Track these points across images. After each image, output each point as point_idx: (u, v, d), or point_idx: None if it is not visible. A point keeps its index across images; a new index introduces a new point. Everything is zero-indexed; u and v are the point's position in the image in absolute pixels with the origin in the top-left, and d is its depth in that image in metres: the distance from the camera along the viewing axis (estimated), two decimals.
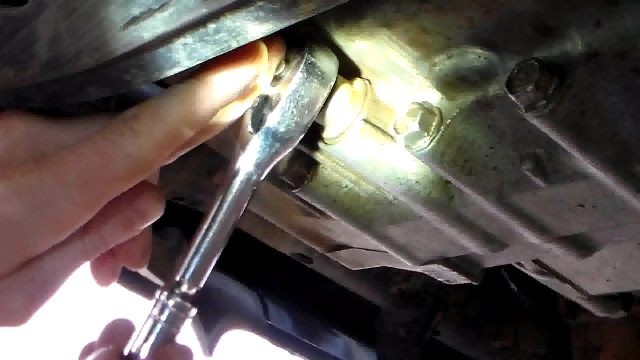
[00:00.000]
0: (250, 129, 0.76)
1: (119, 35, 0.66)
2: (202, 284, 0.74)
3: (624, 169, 0.73)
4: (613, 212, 0.80)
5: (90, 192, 0.70)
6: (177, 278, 0.73)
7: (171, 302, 0.73)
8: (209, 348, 1.64)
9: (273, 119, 0.75)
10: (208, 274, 0.74)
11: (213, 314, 1.67)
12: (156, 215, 0.78)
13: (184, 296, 0.73)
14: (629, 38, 0.68)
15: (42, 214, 0.70)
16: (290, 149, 0.77)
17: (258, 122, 0.76)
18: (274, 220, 1.14)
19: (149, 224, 0.79)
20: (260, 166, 0.75)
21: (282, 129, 0.75)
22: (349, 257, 1.13)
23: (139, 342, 0.72)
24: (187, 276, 0.73)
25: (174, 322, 0.73)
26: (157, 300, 0.73)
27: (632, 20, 0.67)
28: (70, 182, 0.70)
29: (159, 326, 0.73)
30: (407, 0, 0.72)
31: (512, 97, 0.70)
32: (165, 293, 0.73)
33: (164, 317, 0.73)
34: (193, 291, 0.73)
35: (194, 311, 0.74)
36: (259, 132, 0.75)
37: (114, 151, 0.70)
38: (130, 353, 0.72)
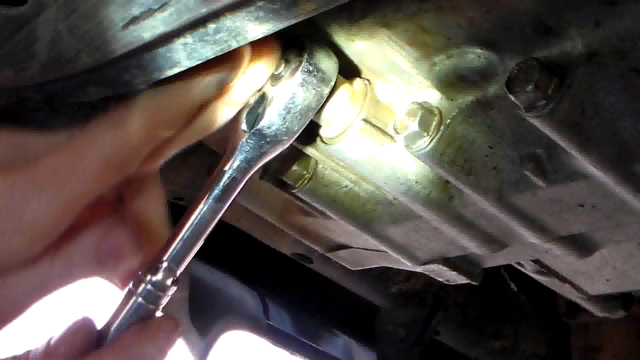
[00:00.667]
0: (244, 127, 0.77)
1: (119, 35, 0.66)
2: (181, 269, 0.75)
3: (624, 169, 0.73)
4: (613, 212, 0.80)
5: (65, 191, 0.68)
6: (158, 259, 0.74)
7: (149, 280, 0.73)
8: (203, 353, 1.63)
9: (265, 120, 0.75)
10: (188, 260, 0.75)
11: (211, 316, 1.67)
12: (132, 260, 0.74)
13: (163, 276, 0.73)
14: (629, 38, 0.68)
15: (15, 219, 0.67)
16: (281, 150, 0.77)
17: (252, 120, 0.76)
18: (274, 220, 1.14)
19: (124, 268, 0.74)
20: (248, 164, 0.76)
21: (273, 130, 0.75)
22: (349, 257, 1.13)
23: (114, 318, 0.73)
24: (168, 259, 0.74)
25: (150, 299, 0.73)
26: (136, 279, 0.74)
27: (632, 20, 0.67)
28: (44, 182, 0.67)
29: (135, 301, 0.73)
30: (407, 0, 0.72)
31: (512, 97, 0.70)
32: (145, 272, 0.73)
33: (141, 294, 0.73)
34: (172, 273, 0.74)
35: (172, 289, 0.74)
36: (251, 132, 0.76)
37: (88, 143, 0.68)
38: (103, 328, 0.73)
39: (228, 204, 0.76)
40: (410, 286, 1.80)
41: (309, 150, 0.87)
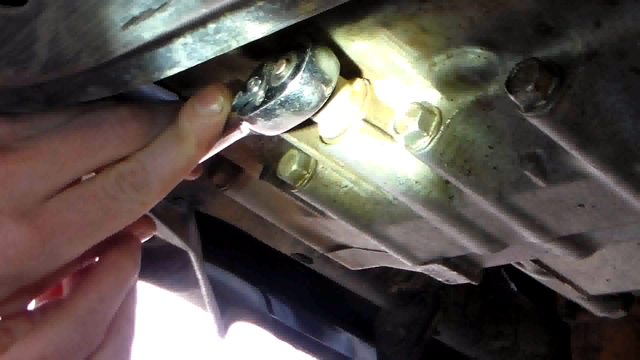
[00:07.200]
0: (238, 113, 0.78)
1: (119, 35, 0.66)
2: None
3: (624, 168, 0.73)
4: (613, 212, 0.80)
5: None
6: None
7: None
8: (223, 328, 1.64)
9: (259, 115, 0.76)
10: None
11: (222, 302, 1.67)
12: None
13: None
14: (629, 38, 0.68)
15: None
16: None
17: (249, 109, 0.77)
18: (274, 220, 1.14)
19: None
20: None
21: (266, 127, 0.77)
22: (349, 257, 1.13)
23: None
24: None
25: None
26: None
27: (632, 20, 0.67)
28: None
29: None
30: (407, 0, 0.72)
31: (512, 97, 0.70)
32: None
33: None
34: None
35: None
36: (245, 119, 0.77)
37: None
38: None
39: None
40: (410, 286, 1.80)
41: (309, 150, 0.87)
